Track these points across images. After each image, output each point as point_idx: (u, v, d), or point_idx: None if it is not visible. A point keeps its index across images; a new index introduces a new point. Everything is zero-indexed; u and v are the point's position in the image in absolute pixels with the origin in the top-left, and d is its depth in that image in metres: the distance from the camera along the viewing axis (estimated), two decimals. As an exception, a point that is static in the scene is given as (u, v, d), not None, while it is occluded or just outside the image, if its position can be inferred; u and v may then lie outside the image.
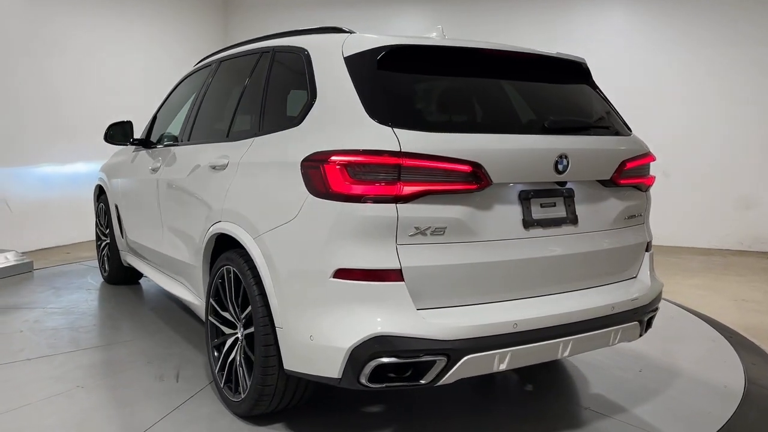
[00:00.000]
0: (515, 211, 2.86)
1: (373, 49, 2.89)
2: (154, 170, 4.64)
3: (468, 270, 2.71)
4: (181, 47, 10.06)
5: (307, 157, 2.79)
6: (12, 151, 7.70)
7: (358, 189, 2.57)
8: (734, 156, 8.91)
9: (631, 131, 3.45)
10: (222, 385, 3.40)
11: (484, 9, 10.01)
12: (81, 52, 8.49)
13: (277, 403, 3.13)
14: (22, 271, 6.63)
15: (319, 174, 2.69)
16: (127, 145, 5.20)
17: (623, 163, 3.17)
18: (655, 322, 3.38)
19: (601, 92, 3.56)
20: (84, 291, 6.06)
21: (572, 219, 3.02)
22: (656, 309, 3.35)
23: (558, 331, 2.83)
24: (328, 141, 2.77)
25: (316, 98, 3.00)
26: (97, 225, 6.44)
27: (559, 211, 3.00)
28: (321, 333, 2.65)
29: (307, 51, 3.25)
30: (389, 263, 2.57)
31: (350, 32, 3.18)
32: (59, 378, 3.86)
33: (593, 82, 3.57)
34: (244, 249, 3.12)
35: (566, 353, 2.91)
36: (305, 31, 3.51)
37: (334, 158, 2.63)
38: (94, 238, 6.52)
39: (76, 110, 8.39)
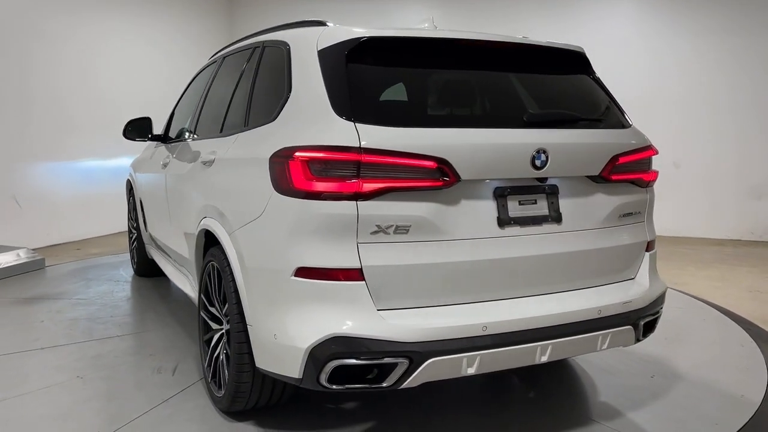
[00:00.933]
0: (490, 209, 2.74)
1: (342, 41, 2.80)
2: (164, 165, 4.71)
3: (434, 270, 2.60)
4: (188, 40, 10.05)
5: (274, 153, 2.75)
6: (20, 146, 7.66)
7: (318, 186, 2.51)
8: (745, 146, 8.87)
9: (630, 124, 3.25)
10: (209, 380, 3.40)
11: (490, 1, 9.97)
12: (88, 46, 8.47)
13: (255, 400, 3.11)
14: (33, 269, 6.53)
15: (283, 170, 2.64)
16: (145, 141, 5.30)
17: (615, 158, 2.99)
18: (659, 325, 3.22)
19: (600, 83, 3.36)
20: (113, 283, 6.25)
21: (555, 217, 2.86)
22: (657, 313, 3.15)
23: (534, 334, 2.69)
24: (294, 137, 2.71)
25: (290, 93, 2.95)
26: (129, 219, 6.63)
27: (541, 209, 2.85)
28: (284, 332, 2.61)
29: (288, 45, 3.20)
30: (349, 262, 2.50)
31: (328, 25, 3.09)
32: (62, 368, 3.99)
33: (591, 71, 3.38)
34: None
35: (545, 358, 2.76)
36: (291, 25, 3.46)
37: (297, 154, 2.58)
38: (104, 233, 6.75)
39: (83, 105, 8.39)
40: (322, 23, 3.13)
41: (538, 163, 2.75)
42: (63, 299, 5.63)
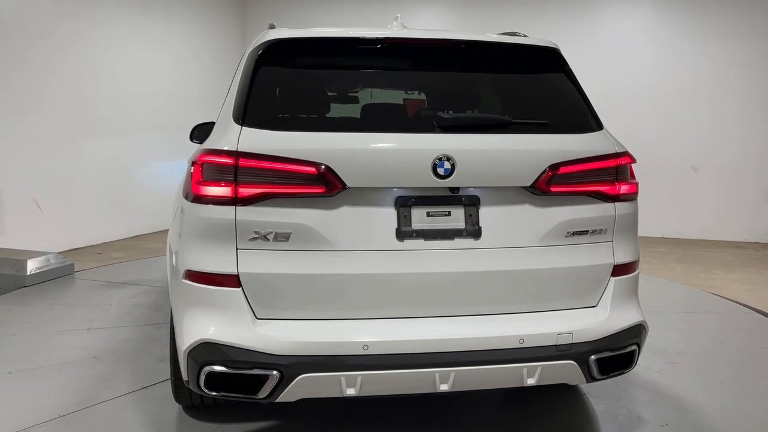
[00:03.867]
0: (388, 220, 2.50)
1: (258, 45, 2.74)
2: None
3: (315, 281, 2.45)
4: (200, 39, 9.94)
5: (192, 157, 2.75)
6: (41, 149, 7.34)
7: (203, 190, 2.45)
8: (760, 149, 8.93)
9: (599, 127, 2.80)
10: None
11: (500, 3, 9.87)
12: (105, 49, 8.24)
13: (198, 397, 3.05)
14: (63, 274, 6.18)
15: (189, 175, 2.62)
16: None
17: (555, 167, 2.58)
18: (639, 363, 2.78)
19: (565, 81, 2.90)
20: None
21: (472, 232, 2.54)
22: (620, 348, 2.63)
23: (431, 359, 2.43)
24: (206, 142, 2.69)
25: (227, 96, 2.89)
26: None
27: (455, 222, 2.55)
28: (179, 333, 2.55)
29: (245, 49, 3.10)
30: (227, 268, 2.42)
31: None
32: (87, 348, 4.14)
33: (552, 67, 2.93)
34: None
35: (446, 387, 2.45)
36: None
37: (198, 159, 2.53)
38: (122, 237, 7.05)
39: (99, 106, 8.17)
40: (271, 26, 2.99)
41: (441, 171, 2.46)
42: (144, 285, 5.83)
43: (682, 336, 4.68)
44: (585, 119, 2.81)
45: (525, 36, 3.08)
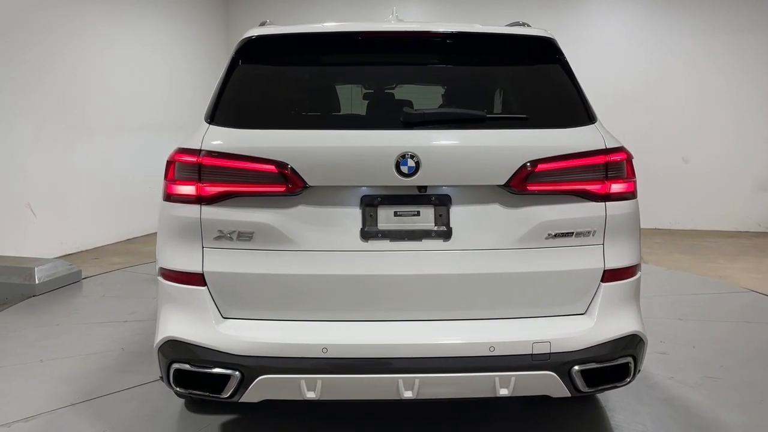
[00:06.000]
0: (353, 219, 2.44)
1: (240, 40, 2.72)
2: None
3: (277, 282, 2.42)
4: (184, 39, 9.83)
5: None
6: (33, 153, 7.08)
7: (173, 189, 2.48)
8: (749, 140, 9.21)
9: (590, 121, 2.60)
10: None
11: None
12: (96, 50, 8.04)
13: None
14: (71, 281, 6.00)
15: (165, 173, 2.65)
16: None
17: (533, 164, 2.41)
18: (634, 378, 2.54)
19: (559, 72, 2.71)
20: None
21: (442, 233, 2.44)
22: (611, 360, 2.43)
23: (394, 365, 2.34)
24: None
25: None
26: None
27: (424, 222, 2.45)
28: (156, 329, 2.57)
29: None
30: (193, 266, 2.44)
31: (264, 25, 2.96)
32: (119, 340, 4.33)
33: (546, 58, 2.76)
34: None
35: (411, 394, 2.34)
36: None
37: (170, 157, 2.54)
38: (115, 241, 7.02)
39: (91, 107, 7.95)
40: (262, 24, 2.99)
41: (404, 169, 2.36)
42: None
43: (728, 346, 4.31)
44: (574, 113, 2.63)
45: (527, 26, 2.92)
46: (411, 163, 2.36)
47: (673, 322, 4.80)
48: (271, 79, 2.74)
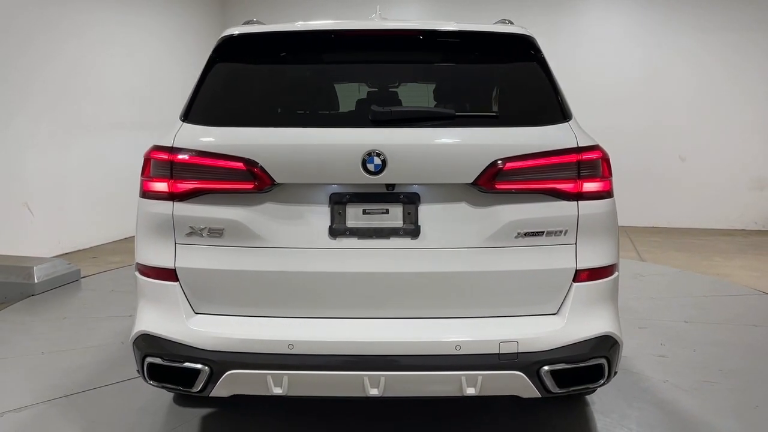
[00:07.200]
0: (322, 217, 2.45)
1: (219, 39, 2.75)
2: None
3: (245, 278, 2.45)
4: (179, 39, 9.78)
5: None
6: (30, 151, 7.05)
7: (147, 185, 2.54)
8: (746, 139, 9.19)
9: (564, 119, 2.57)
10: None
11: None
12: (92, 46, 7.99)
13: None
14: (70, 281, 5.98)
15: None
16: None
17: (501, 162, 2.39)
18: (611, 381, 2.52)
19: (535, 70, 2.68)
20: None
21: (410, 231, 2.44)
22: (583, 361, 2.40)
23: (359, 362, 2.35)
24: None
25: None
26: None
27: (392, 221, 2.46)
28: (133, 324, 2.63)
29: None
30: (165, 262, 2.49)
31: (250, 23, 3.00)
32: (120, 334, 4.41)
33: (523, 56, 2.73)
34: None
35: (377, 392, 2.34)
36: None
37: (146, 155, 2.59)
38: (112, 239, 7.09)
39: (87, 105, 7.90)
40: (246, 23, 3.02)
41: (371, 167, 2.36)
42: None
43: (729, 350, 4.21)
44: (548, 111, 2.60)
45: (511, 23, 2.91)
46: (377, 161, 2.37)
47: (677, 324, 4.72)
48: (246, 77, 2.77)
